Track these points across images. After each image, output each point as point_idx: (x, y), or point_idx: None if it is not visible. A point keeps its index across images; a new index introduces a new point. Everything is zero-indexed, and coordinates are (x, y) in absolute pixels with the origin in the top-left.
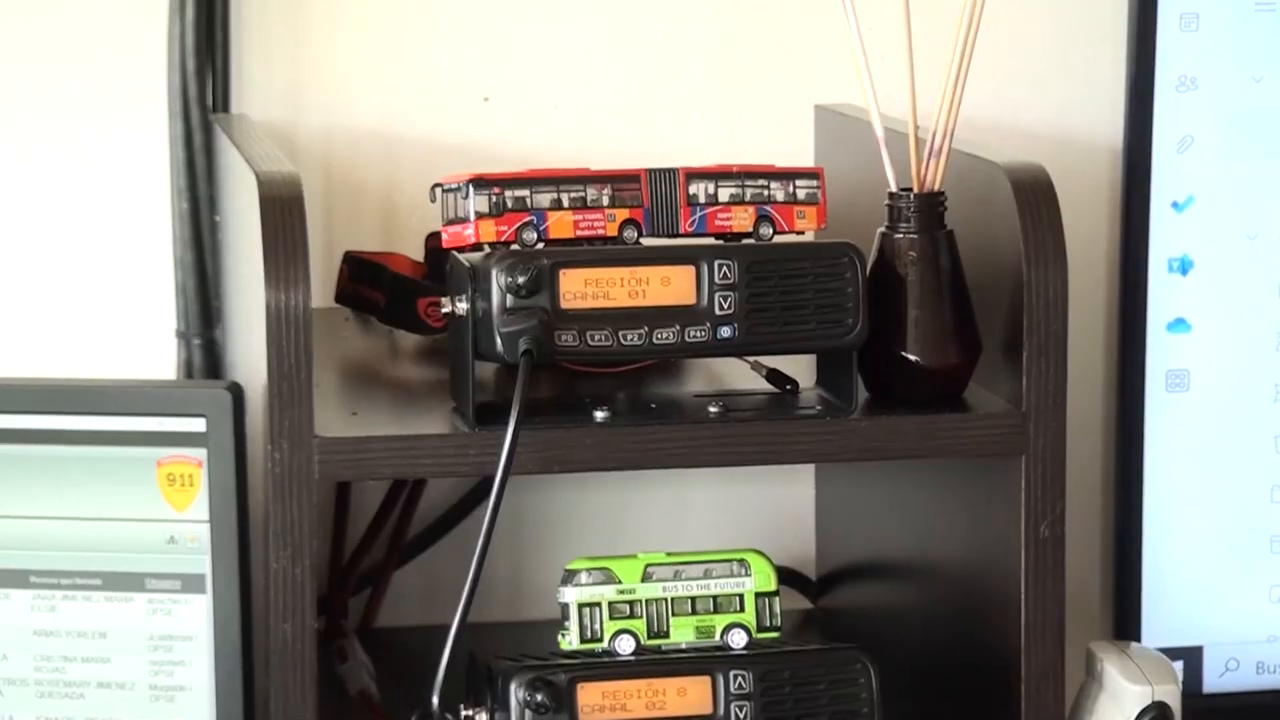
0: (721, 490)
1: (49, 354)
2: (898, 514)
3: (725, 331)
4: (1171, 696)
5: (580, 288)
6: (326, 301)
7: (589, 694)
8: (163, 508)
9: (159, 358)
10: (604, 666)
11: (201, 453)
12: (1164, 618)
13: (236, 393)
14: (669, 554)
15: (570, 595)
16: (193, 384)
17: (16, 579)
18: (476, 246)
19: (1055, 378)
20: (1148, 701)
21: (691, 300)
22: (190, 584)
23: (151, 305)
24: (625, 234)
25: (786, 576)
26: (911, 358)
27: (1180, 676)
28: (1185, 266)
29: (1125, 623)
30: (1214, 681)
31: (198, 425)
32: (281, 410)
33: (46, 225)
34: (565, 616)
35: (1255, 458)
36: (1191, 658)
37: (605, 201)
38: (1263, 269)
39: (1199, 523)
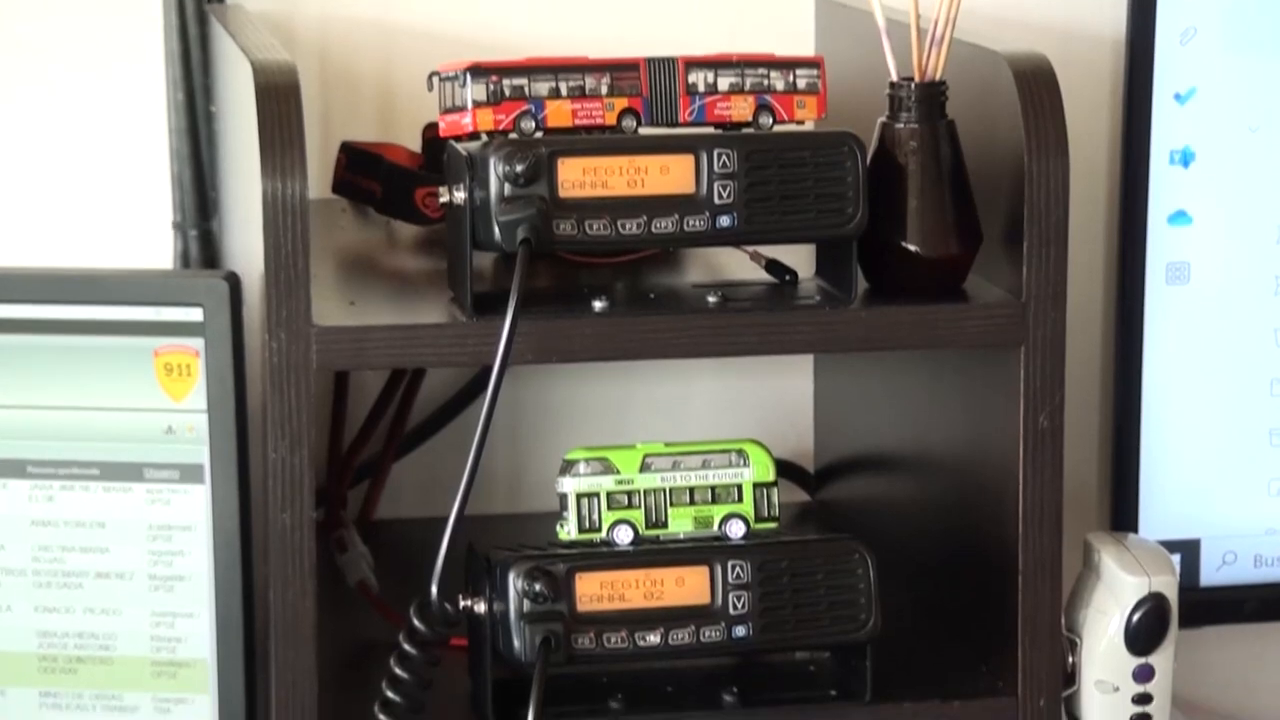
0: (720, 383)
1: (44, 246)
2: (896, 406)
3: (724, 221)
4: (1168, 588)
5: (579, 176)
6: (323, 193)
7: (587, 584)
8: (160, 397)
9: (155, 250)
10: (602, 557)
11: (199, 342)
12: (1162, 511)
13: (233, 282)
14: (667, 444)
15: (568, 486)
16: (189, 273)
17: (14, 469)
18: (474, 135)
19: (1055, 268)
20: (1145, 593)
21: (690, 189)
22: (188, 474)
23: (147, 197)
24: (624, 123)
25: (784, 469)
26: (911, 248)
27: (1177, 569)
28: (1187, 159)
29: (1123, 515)
30: (1211, 575)
31: (194, 315)
32: (279, 299)
33: (42, 117)
34: (563, 507)
35: (1255, 351)
36: (1189, 551)
37: (604, 90)
38: (1264, 162)
39: (1198, 416)
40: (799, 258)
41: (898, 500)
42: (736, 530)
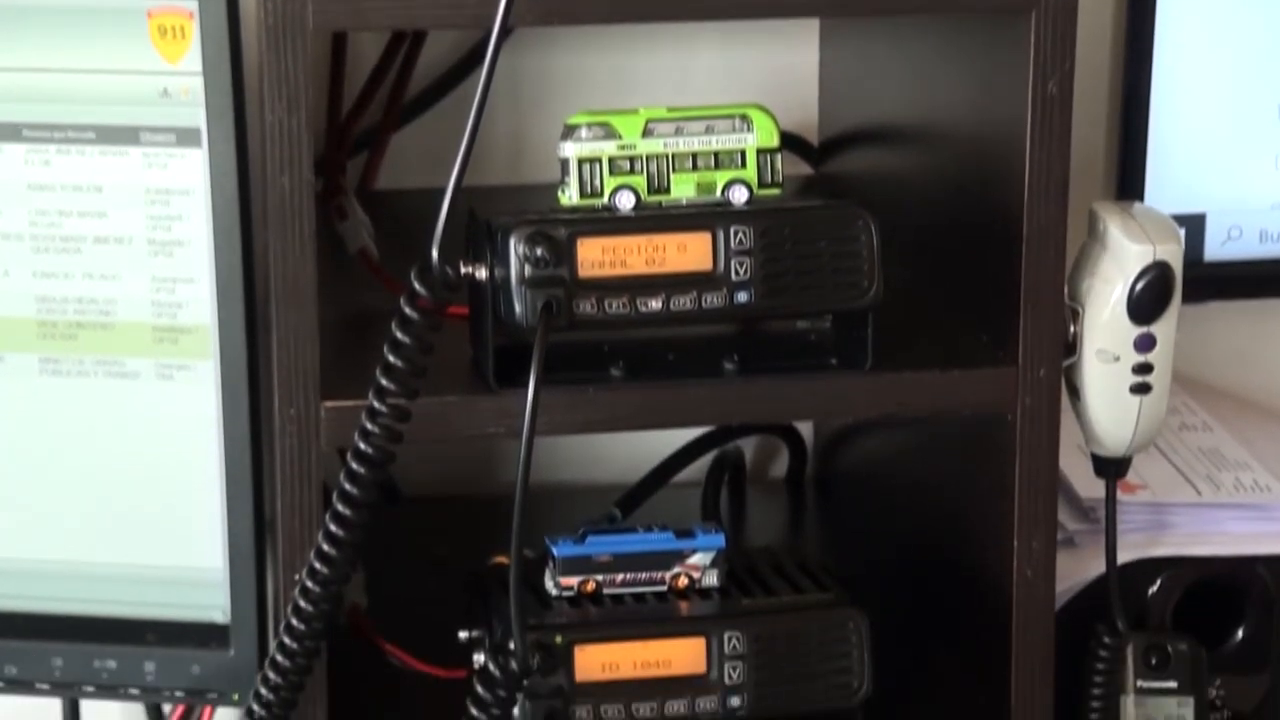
0: (723, 52)
1: None
2: (903, 76)
3: None
4: (1173, 256)
5: None
6: None
7: (589, 249)
8: (154, 60)
9: None
10: (604, 222)
11: (192, 3)
12: (1168, 184)
13: None
14: (670, 109)
15: (570, 150)
16: None
17: (9, 132)
18: None
19: None
20: (1149, 261)
21: None
22: (185, 138)
23: None
24: None
25: (788, 141)
26: None
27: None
28: None
29: (1129, 188)
30: (1215, 250)
31: None
32: None
33: None
34: (565, 172)
35: (1268, 23)
36: (1194, 225)
37: None
38: None
39: (1208, 88)
40: None
41: (902, 172)
42: (739, 196)
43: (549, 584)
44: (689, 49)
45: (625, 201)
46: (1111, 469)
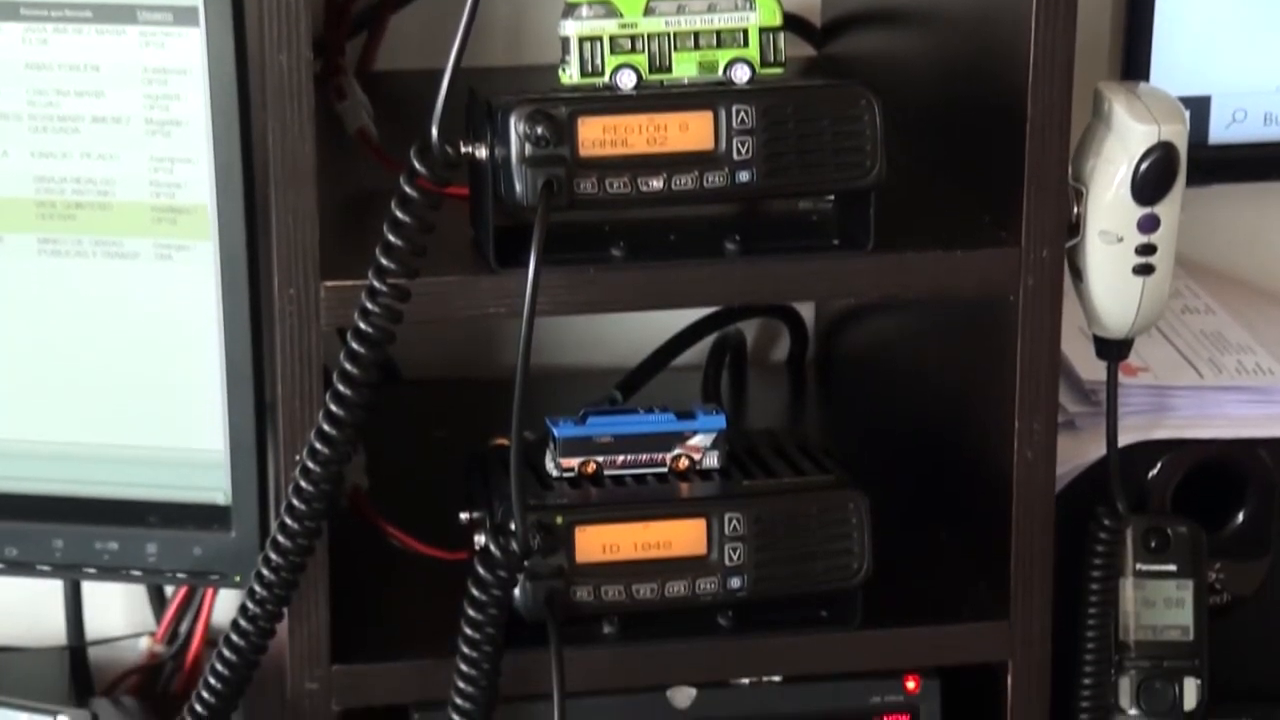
0: None
1: None
2: None
3: None
4: (1178, 136)
5: None
6: None
7: (590, 128)
8: None
9: None
10: (605, 100)
11: None
12: (1173, 65)
13: None
14: None
15: (570, 29)
16: None
17: (7, 11)
18: None
19: None
20: (1154, 141)
21: None
22: (182, 16)
23: None
24: None
25: (791, 22)
26: None
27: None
28: None
29: (1134, 69)
30: (1220, 132)
31: None
32: None
33: None
34: (565, 51)
35: None
36: (1199, 108)
37: None
38: None
39: None
40: None
41: (905, 52)
42: (741, 75)
43: (549, 465)
44: None
45: (626, 80)
46: (1113, 351)
